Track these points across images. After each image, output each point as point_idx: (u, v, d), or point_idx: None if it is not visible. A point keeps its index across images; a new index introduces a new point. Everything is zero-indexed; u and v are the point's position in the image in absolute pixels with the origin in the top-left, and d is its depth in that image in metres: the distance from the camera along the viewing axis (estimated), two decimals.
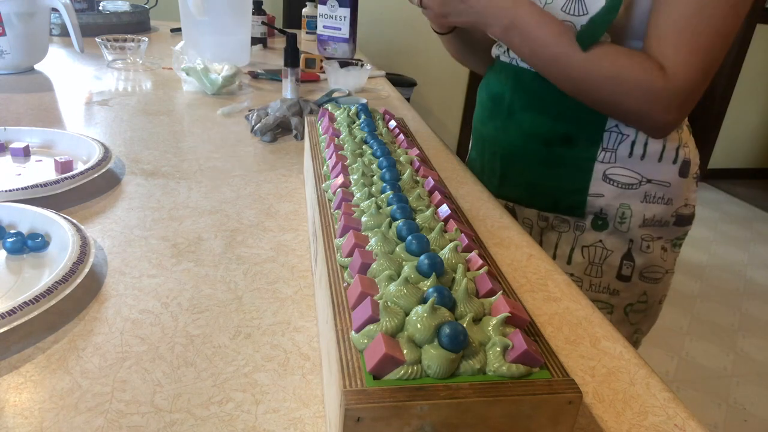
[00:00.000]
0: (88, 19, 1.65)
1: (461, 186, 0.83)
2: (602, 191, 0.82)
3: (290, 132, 0.99)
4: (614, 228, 0.84)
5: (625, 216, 0.83)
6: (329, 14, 1.58)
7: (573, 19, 0.74)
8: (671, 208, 0.83)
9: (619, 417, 0.43)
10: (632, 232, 0.83)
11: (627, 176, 0.81)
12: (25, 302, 0.45)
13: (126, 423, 0.39)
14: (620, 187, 0.81)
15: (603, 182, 0.82)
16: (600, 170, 0.81)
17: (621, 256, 0.84)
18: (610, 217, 0.83)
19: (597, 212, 0.84)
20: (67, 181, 0.68)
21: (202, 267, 0.58)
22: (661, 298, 0.90)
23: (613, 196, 0.82)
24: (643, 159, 0.80)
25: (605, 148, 0.80)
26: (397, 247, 0.44)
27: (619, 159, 0.80)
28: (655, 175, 0.81)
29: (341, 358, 0.34)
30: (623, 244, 0.84)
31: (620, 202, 0.82)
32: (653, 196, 0.82)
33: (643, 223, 0.83)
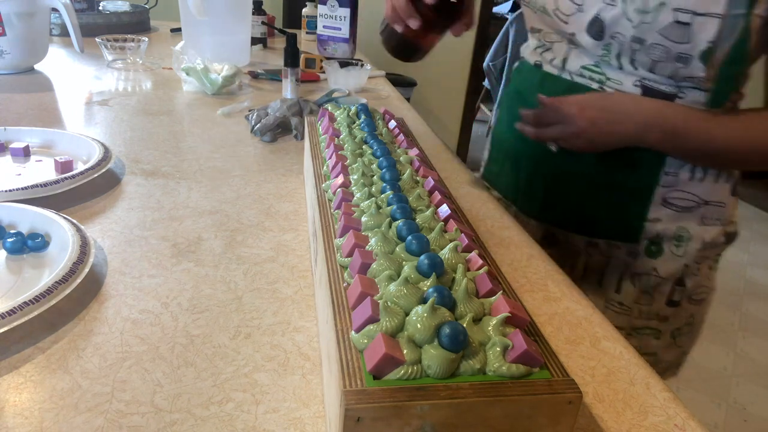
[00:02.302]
0: (88, 19, 1.64)
1: (461, 186, 0.83)
2: (660, 216, 0.77)
3: (290, 132, 0.99)
4: (670, 253, 0.79)
5: (681, 239, 0.78)
6: (329, 14, 1.58)
7: (670, 45, 0.65)
8: (724, 228, 0.79)
9: (619, 417, 0.43)
10: (688, 257, 0.79)
11: (686, 199, 0.76)
12: (25, 302, 0.45)
13: (126, 423, 0.39)
14: (678, 210, 0.76)
15: (662, 207, 0.76)
16: (660, 195, 0.76)
17: (673, 282, 0.80)
18: (665, 242, 0.78)
19: (652, 237, 0.78)
20: (67, 181, 0.68)
21: (202, 267, 0.58)
22: (704, 316, 0.87)
23: (671, 220, 0.77)
24: (702, 181, 0.75)
25: (668, 171, 0.74)
26: (397, 247, 0.44)
27: (681, 182, 0.75)
28: (712, 196, 0.76)
29: (341, 358, 0.34)
30: (677, 269, 0.79)
31: (677, 225, 0.77)
32: (710, 218, 0.77)
33: (702, 246, 0.78)
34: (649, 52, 0.68)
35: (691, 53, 0.65)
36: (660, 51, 0.67)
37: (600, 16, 0.70)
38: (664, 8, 0.64)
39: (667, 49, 0.66)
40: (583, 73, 0.76)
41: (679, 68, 0.67)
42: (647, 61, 0.69)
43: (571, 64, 0.77)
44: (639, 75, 0.71)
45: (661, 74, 0.69)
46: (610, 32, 0.70)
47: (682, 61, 0.66)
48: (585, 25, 0.72)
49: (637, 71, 0.71)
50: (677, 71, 0.68)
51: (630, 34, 0.68)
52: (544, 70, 0.81)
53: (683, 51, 0.65)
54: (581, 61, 0.76)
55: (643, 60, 0.69)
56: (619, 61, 0.71)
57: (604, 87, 0.74)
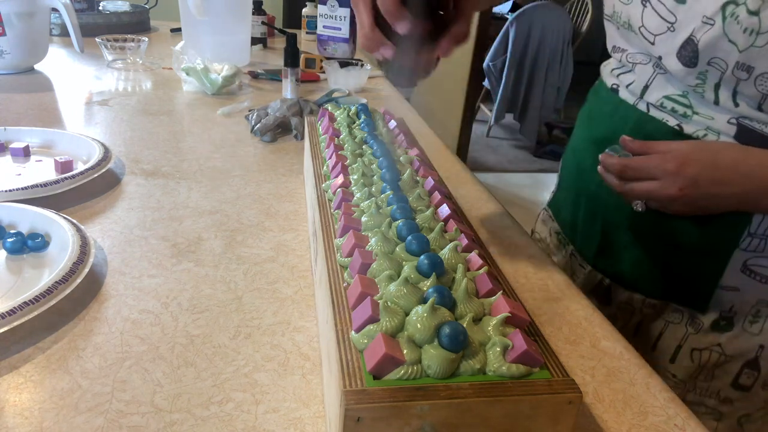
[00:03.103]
0: (88, 19, 1.64)
1: (461, 186, 0.83)
2: (738, 284, 0.64)
3: (290, 132, 0.99)
4: (742, 329, 0.66)
5: (760, 315, 0.65)
6: (329, 14, 1.58)
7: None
8: None
9: (619, 417, 0.43)
10: (764, 336, 0.65)
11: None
12: (25, 302, 0.45)
13: (126, 423, 0.39)
14: (763, 281, 0.63)
15: (742, 274, 0.63)
16: (740, 259, 0.62)
17: (742, 364, 0.67)
18: (739, 317, 0.65)
19: (725, 309, 0.65)
20: (67, 181, 0.68)
21: (202, 267, 0.58)
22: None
23: (752, 291, 0.63)
24: None
25: (752, 233, 0.61)
26: (397, 247, 0.44)
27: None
28: None
29: (341, 358, 0.34)
30: (749, 349, 0.66)
31: (758, 299, 0.64)
32: None
33: None
34: (758, 84, 0.55)
35: None
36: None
37: (694, 37, 0.57)
38: None
39: None
40: (663, 104, 0.63)
41: None
42: (756, 94, 0.56)
43: (651, 93, 0.65)
44: (737, 112, 0.58)
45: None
46: (706, 57, 0.58)
47: None
48: (676, 48, 0.59)
49: (737, 108, 0.58)
50: None
51: (734, 60, 0.56)
52: (619, 96, 0.69)
53: None
54: (665, 90, 0.63)
55: (751, 93, 0.56)
56: (717, 93, 0.59)
57: (681, 125, 0.61)
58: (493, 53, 3.37)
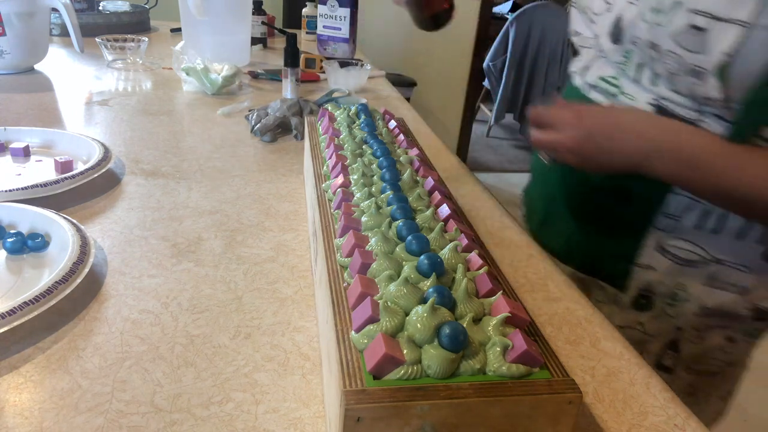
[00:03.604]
0: (88, 19, 1.64)
1: (461, 186, 0.83)
2: (654, 264, 0.66)
3: (290, 132, 0.99)
4: (661, 311, 0.68)
5: (677, 298, 0.66)
6: (329, 14, 1.58)
7: (683, 54, 0.55)
8: (745, 299, 0.64)
9: (619, 417, 0.43)
10: (683, 319, 0.67)
11: (689, 251, 0.64)
12: (25, 302, 0.45)
13: (126, 423, 0.39)
14: (678, 262, 0.65)
15: (657, 253, 0.65)
16: (656, 239, 0.65)
17: (663, 344, 0.69)
18: (657, 297, 0.67)
19: (643, 288, 0.68)
20: (67, 181, 0.68)
21: (202, 267, 0.58)
22: (723, 393, 0.73)
23: (668, 273, 0.66)
24: (717, 234, 0.62)
25: (668, 213, 0.63)
26: (397, 247, 0.44)
27: (684, 229, 0.63)
28: (730, 255, 0.63)
29: (341, 358, 0.34)
30: (669, 331, 0.68)
31: (675, 281, 0.66)
32: (722, 280, 0.64)
33: (700, 311, 0.66)
34: (664, 62, 0.58)
35: (706, 66, 0.54)
36: (674, 61, 0.57)
37: (622, 15, 0.60)
38: (680, 8, 0.54)
39: (680, 58, 0.56)
40: (598, 85, 0.67)
41: (694, 85, 0.57)
42: (666, 74, 0.59)
43: (590, 74, 0.69)
44: (657, 93, 0.61)
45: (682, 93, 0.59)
46: (628, 36, 0.61)
47: (697, 76, 0.56)
48: (609, 27, 0.63)
49: (656, 87, 0.61)
50: (693, 89, 0.57)
51: (646, 38, 0.59)
52: (571, 81, 0.73)
53: (697, 63, 0.55)
54: (602, 71, 0.67)
55: (663, 72, 0.59)
56: (639, 72, 0.63)
57: (614, 103, 0.65)
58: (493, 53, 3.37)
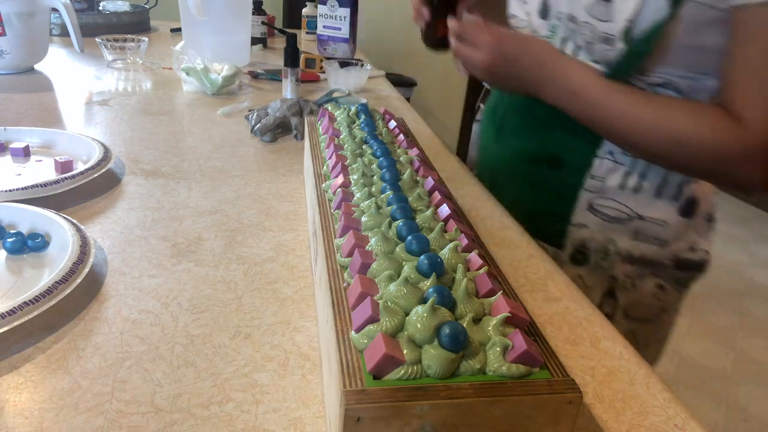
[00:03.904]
0: (88, 19, 1.64)
1: (461, 186, 0.83)
2: (586, 222, 0.75)
3: (290, 132, 0.99)
4: (595, 264, 0.76)
5: (608, 252, 0.75)
6: (329, 14, 1.58)
7: (596, 24, 0.65)
8: (666, 250, 0.74)
9: (619, 417, 0.43)
10: (616, 270, 0.75)
11: (616, 209, 0.73)
12: (25, 302, 0.45)
13: (126, 423, 0.39)
14: (606, 220, 0.74)
15: (588, 213, 0.74)
16: (586, 199, 0.74)
17: (602, 294, 0.76)
18: (591, 252, 0.75)
19: (578, 244, 0.76)
20: (67, 181, 0.68)
21: (202, 267, 0.58)
22: (660, 338, 0.82)
23: (598, 230, 0.74)
24: (637, 192, 0.72)
25: (594, 175, 0.72)
26: (397, 247, 0.44)
27: (608, 190, 0.72)
28: (649, 212, 0.72)
29: (341, 358, 0.34)
30: (605, 281, 0.76)
31: (605, 237, 0.74)
32: (645, 234, 0.73)
33: (629, 261, 0.74)
34: (582, 32, 0.67)
35: (614, 33, 0.63)
36: (588, 30, 0.66)
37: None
38: None
39: (593, 27, 0.65)
40: None
41: (606, 51, 0.65)
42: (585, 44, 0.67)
43: None
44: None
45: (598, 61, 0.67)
46: (554, 12, 0.69)
47: (608, 43, 0.64)
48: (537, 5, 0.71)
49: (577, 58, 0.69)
50: (606, 54, 0.65)
51: (566, 11, 0.67)
52: None
53: (607, 30, 0.64)
54: None
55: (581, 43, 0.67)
56: (564, 45, 0.70)
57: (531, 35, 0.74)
58: None
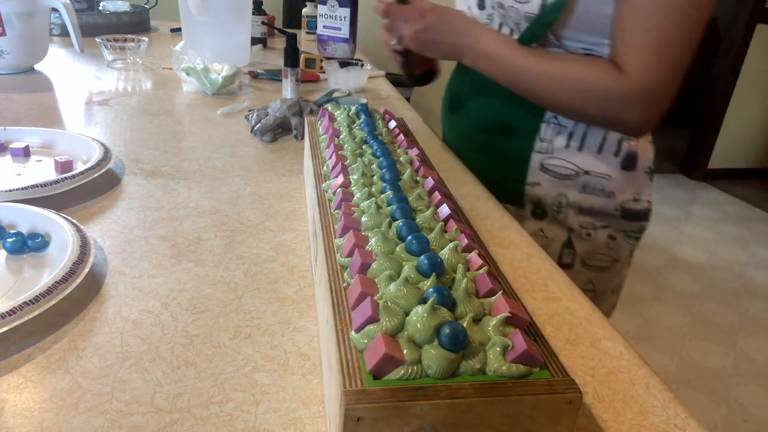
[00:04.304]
0: (88, 19, 1.64)
1: (461, 186, 0.83)
2: (539, 180, 0.84)
3: (290, 132, 0.99)
4: (553, 217, 0.85)
5: (561, 205, 0.84)
6: (329, 14, 1.58)
7: (519, 6, 0.74)
8: (613, 201, 0.83)
9: (619, 417, 0.43)
10: (570, 221, 0.84)
11: (564, 167, 0.82)
12: (25, 302, 0.45)
13: (126, 423, 0.39)
14: (557, 177, 0.83)
15: (540, 172, 0.83)
16: (537, 160, 0.83)
17: (562, 244, 0.86)
18: (547, 207, 0.85)
19: (535, 201, 0.85)
20: (67, 181, 0.68)
21: (202, 267, 0.58)
22: (613, 288, 0.90)
23: (550, 186, 0.83)
24: (581, 150, 0.81)
25: (542, 138, 0.82)
26: (397, 247, 0.44)
27: (556, 150, 0.81)
28: (594, 167, 0.81)
29: (341, 358, 0.34)
30: (563, 232, 0.85)
31: (557, 192, 0.83)
32: (592, 188, 0.82)
33: (580, 213, 0.84)
34: (509, 16, 0.76)
35: (534, 12, 0.73)
36: (515, 13, 0.75)
37: None
38: None
39: (517, 10, 0.75)
40: None
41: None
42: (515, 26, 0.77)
43: None
44: None
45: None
46: (489, 2, 0.80)
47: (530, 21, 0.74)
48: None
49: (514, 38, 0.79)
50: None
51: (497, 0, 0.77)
52: None
53: (528, 10, 0.74)
54: None
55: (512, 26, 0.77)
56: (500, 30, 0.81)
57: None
58: None
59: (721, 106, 3.69)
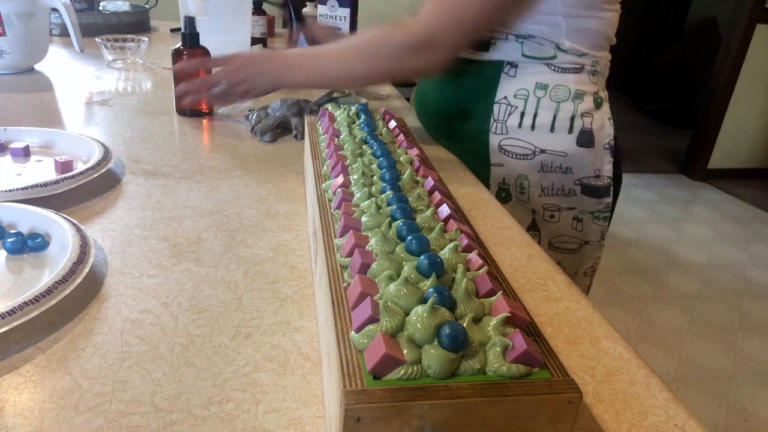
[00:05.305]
0: (88, 19, 1.64)
1: (461, 186, 0.83)
2: (500, 161, 0.87)
3: (290, 132, 0.99)
4: (517, 199, 0.88)
5: (524, 186, 0.87)
6: (329, 14, 1.58)
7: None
8: (572, 177, 0.86)
9: (619, 417, 0.43)
10: (533, 202, 0.87)
11: (520, 147, 0.85)
12: (25, 302, 0.45)
13: (126, 423, 0.39)
14: (515, 157, 0.86)
15: (500, 153, 0.86)
16: (495, 141, 0.86)
17: (527, 227, 0.88)
18: (511, 188, 0.88)
19: (500, 183, 0.88)
20: (67, 181, 0.68)
21: (202, 267, 0.58)
22: (586, 270, 0.92)
23: (511, 167, 0.86)
24: (534, 129, 0.83)
25: (496, 119, 0.85)
26: (397, 247, 0.44)
27: (510, 130, 0.85)
28: (549, 145, 0.84)
29: (341, 358, 0.34)
30: (527, 214, 0.88)
31: (518, 173, 0.86)
32: (550, 166, 0.85)
33: (542, 192, 0.86)
34: None
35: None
36: None
37: None
38: None
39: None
40: None
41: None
42: None
43: None
44: None
45: None
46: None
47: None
48: None
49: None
50: None
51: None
52: None
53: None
54: None
55: None
56: None
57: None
58: None
59: (721, 106, 3.69)
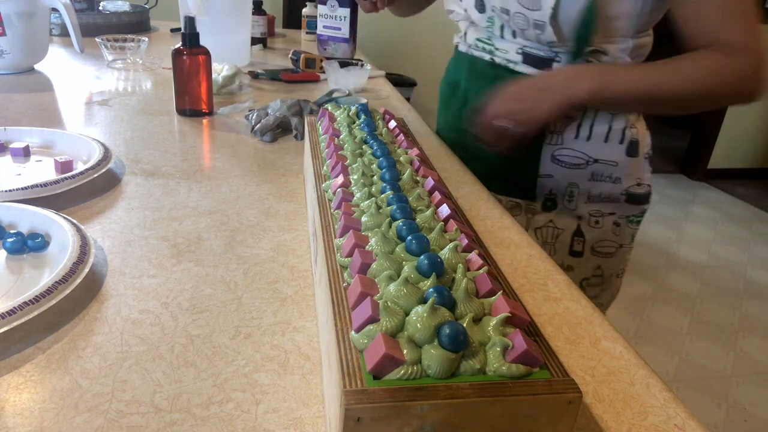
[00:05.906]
0: (88, 19, 1.64)
1: (461, 186, 0.83)
2: (551, 172, 0.87)
3: (290, 132, 0.99)
4: (563, 207, 0.89)
5: (573, 195, 0.88)
6: (329, 14, 1.58)
7: (527, 13, 0.77)
8: (620, 187, 0.87)
9: (619, 417, 0.43)
10: (580, 209, 0.89)
11: (575, 157, 0.86)
12: (25, 302, 0.45)
13: (126, 423, 0.39)
14: (568, 167, 0.86)
15: (552, 164, 0.86)
16: (549, 152, 0.86)
17: (572, 233, 0.90)
18: (558, 197, 0.89)
19: (546, 193, 0.89)
20: (67, 181, 0.68)
21: (202, 267, 0.58)
22: (618, 272, 0.94)
23: (562, 176, 0.87)
24: (589, 140, 0.84)
25: (552, 131, 0.85)
26: (397, 247, 0.44)
27: (566, 141, 0.85)
28: (602, 155, 0.85)
29: (341, 358, 0.34)
30: (572, 221, 0.90)
31: (568, 182, 0.87)
32: (601, 175, 0.86)
33: (589, 200, 0.88)
34: (515, 21, 0.79)
35: (544, 20, 0.75)
36: (521, 19, 0.78)
37: None
38: None
39: (525, 17, 0.77)
40: (477, 45, 0.90)
41: (539, 35, 0.78)
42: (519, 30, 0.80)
43: (468, 39, 0.92)
44: (519, 44, 0.83)
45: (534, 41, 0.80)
46: (489, 5, 0.82)
47: (539, 28, 0.77)
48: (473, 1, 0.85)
49: (517, 40, 0.83)
50: (539, 38, 0.79)
51: (499, 5, 0.80)
52: (458, 50, 0.96)
53: (538, 18, 0.76)
54: (476, 34, 0.90)
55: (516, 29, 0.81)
56: (502, 31, 0.84)
57: (493, 57, 0.87)
58: None
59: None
